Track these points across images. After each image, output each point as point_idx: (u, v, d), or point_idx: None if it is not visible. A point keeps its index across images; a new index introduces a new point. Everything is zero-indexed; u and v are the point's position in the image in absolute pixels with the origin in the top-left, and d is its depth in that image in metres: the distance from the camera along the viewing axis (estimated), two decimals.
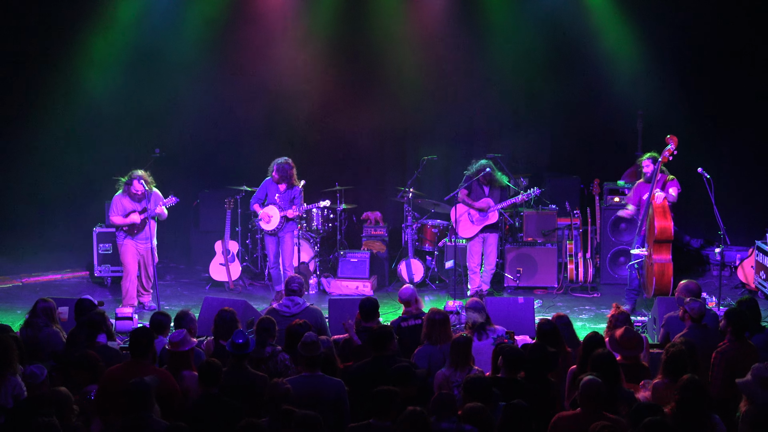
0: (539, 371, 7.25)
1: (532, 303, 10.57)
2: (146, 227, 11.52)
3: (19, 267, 13.58)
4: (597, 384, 6.45)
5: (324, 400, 6.98)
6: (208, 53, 14.31)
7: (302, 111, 14.50)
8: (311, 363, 7.22)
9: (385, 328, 7.93)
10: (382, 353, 7.61)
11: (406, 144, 14.93)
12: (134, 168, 11.61)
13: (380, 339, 7.66)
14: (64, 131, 14.27)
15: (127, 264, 11.60)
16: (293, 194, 11.88)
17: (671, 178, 11.11)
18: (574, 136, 14.38)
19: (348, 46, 14.43)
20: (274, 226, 11.85)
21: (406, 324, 8.81)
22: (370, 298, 8.66)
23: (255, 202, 11.99)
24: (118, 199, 11.54)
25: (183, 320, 8.26)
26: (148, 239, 11.57)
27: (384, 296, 12.36)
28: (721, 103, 13.96)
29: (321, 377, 7.21)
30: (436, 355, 8.03)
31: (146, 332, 7.49)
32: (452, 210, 12.19)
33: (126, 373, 7.07)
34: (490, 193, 12.00)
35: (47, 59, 14.13)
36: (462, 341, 7.55)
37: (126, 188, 11.51)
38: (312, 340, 7.28)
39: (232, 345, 7.45)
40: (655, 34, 13.74)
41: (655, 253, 10.93)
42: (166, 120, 14.27)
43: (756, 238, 12.37)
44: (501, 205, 11.98)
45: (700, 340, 7.76)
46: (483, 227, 12.01)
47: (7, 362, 7.22)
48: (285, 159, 11.87)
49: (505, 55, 14.26)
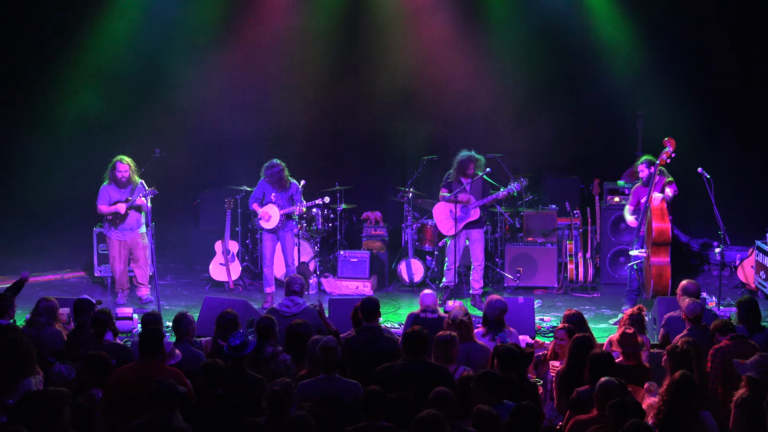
0: None
1: (532, 303, 10.59)
2: (129, 217, 11.65)
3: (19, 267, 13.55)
4: (614, 385, 6.42)
5: (342, 403, 6.95)
6: (208, 53, 14.33)
7: (302, 110, 14.50)
8: (330, 367, 7.18)
9: (421, 333, 7.63)
10: (416, 357, 7.46)
11: (406, 144, 14.93)
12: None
13: (416, 343, 7.50)
14: (63, 131, 14.28)
15: (112, 257, 11.93)
16: (290, 192, 11.90)
17: (670, 181, 11.09)
18: (574, 136, 14.38)
19: (348, 45, 14.44)
20: (275, 224, 11.88)
21: (424, 315, 8.89)
22: (371, 298, 8.63)
23: (253, 202, 12.03)
24: (105, 189, 11.72)
25: (181, 323, 8.18)
26: (131, 229, 11.70)
27: (384, 296, 12.37)
28: (721, 103, 13.97)
29: (339, 380, 7.17)
30: (461, 354, 7.96)
31: (156, 332, 7.40)
32: (434, 209, 12.18)
33: (136, 373, 7.04)
34: (471, 188, 11.94)
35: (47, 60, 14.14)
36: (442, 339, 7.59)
37: (111, 174, 11.64)
38: (331, 345, 7.22)
39: (228, 348, 7.44)
40: (656, 34, 13.74)
41: (654, 255, 10.94)
42: (166, 120, 14.27)
43: (756, 238, 12.37)
44: (482, 202, 11.93)
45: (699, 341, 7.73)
46: (466, 224, 11.97)
47: (29, 364, 7.16)
48: (272, 163, 11.87)
49: (505, 55, 14.29)
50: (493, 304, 8.68)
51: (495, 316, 8.62)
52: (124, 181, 11.61)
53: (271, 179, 11.85)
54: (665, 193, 10.95)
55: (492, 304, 8.68)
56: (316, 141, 14.59)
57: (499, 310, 8.63)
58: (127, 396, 6.93)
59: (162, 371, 7.04)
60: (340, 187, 13.21)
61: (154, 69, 14.29)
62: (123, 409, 6.90)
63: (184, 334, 8.11)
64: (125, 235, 11.76)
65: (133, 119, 14.35)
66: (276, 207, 11.87)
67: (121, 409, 6.91)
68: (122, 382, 7.04)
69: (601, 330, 10.58)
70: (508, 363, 7.19)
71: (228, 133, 14.73)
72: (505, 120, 14.65)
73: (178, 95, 14.31)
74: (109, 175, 11.68)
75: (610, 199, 12.98)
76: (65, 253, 13.97)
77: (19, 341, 7.28)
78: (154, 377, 6.74)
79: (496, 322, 8.62)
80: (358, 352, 8.13)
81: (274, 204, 11.89)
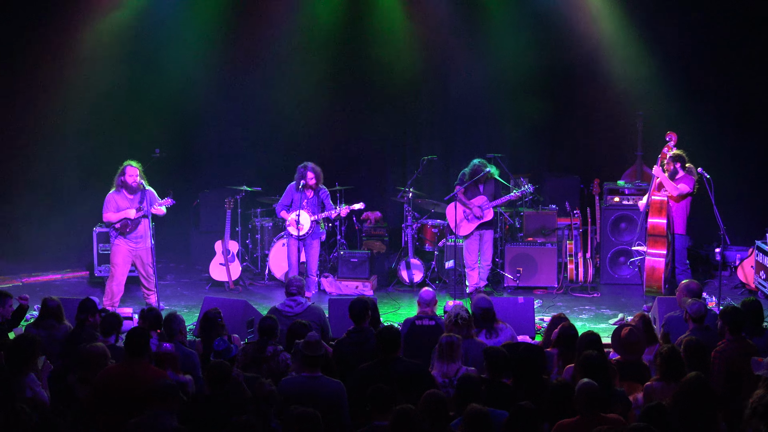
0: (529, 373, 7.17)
1: (532, 303, 10.58)
2: (140, 226, 11.27)
3: (19, 267, 13.58)
4: (592, 387, 6.38)
5: (323, 402, 6.97)
6: (208, 53, 14.32)
7: (302, 111, 14.51)
8: (312, 363, 7.20)
9: (392, 329, 7.72)
10: (389, 355, 7.49)
11: (406, 144, 14.94)
12: None
13: (390, 342, 7.53)
14: (63, 132, 14.27)
15: (115, 265, 11.35)
16: (321, 198, 11.76)
17: (683, 174, 11.35)
18: (574, 136, 14.39)
19: (348, 46, 14.44)
20: (305, 231, 11.70)
21: (420, 323, 8.80)
22: (360, 299, 8.56)
23: (281, 209, 11.83)
24: (112, 196, 11.27)
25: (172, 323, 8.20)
26: (142, 238, 11.31)
27: (384, 296, 12.38)
28: (722, 103, 13.97)
29: (321, 378, 7.20)
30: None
31: (142, 332, 7.44)
32: (447, 209, 12.20)
33: (122, 373, 7.06)
34: (485, 190, 12.00)
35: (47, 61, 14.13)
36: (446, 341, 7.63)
37: (120, 181, 11.21)
38: (315, 339, 7.27)
39: (214, 354, 7.46)
40: (656, 34, 13.74)
41: (649, 247, 11.22)
42: (166, 120, 14.27)
43: (756, 238, 12.37)
44: (496, 203, 11.99)
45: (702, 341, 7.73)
46: (479, 225, 12.01)
47: (31, 359, 7.30)
48: (307, 164, 11.66)
49: (505, 55, 14.26)
50: (475, 303, 8.83)
51: (479, 315, 8.71)
52: (135, 186, 11.15)
53: (318, 177, 11.58)
54: (679, 188, 11.21)
55: (474, 303, 8.84)
56: (317, 141, 14.59)
57: (482, 310, 8.71)
58: (114, 396, 6.94)
59: (148, 371, 7.06)
60: (340, 187, 13.21)
61: (154, 69, 14.27)
62: (110, 408, 6.91)
63: (175, 334, 8.13)
64: (137, 244, 11.31)
65: (133, 119, 14.33)
66: (307, 213, 11.71)
67: (108, 409, 6.91)
68: (109, 381, 7.06)
69: (601, 330, 10.57)
70: (496, 366, 7.17)
71: (228, 133, 14.72)
72: (505, 120, 14.65)
73: (178, 95, 14.29)
74: (118, 182, 11.22)
75: (610, 199, 12.98)
76: (65, 253, 13.97)
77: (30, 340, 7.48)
78: (140, 377, 6.83)
79: (484, 320, 8.69)
80: (348, 354, 8.14)
81: (304, 210, 11.70)
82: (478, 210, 11.96)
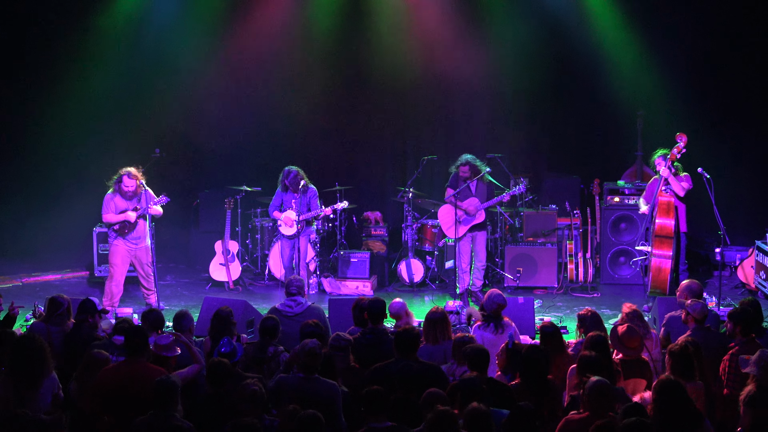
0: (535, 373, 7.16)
1: (532, 303, 10.59)
2: (138, 227, 11.28)
3: (19, 267, 13.58)
4: (603, 385, 6.38)
5: (317, 402, 6.95)
6: (208, 54, 14.33)
7: (302, 111, 14.50)
8: (309, 369, 7.18)
9: (413, 332, 7.66)
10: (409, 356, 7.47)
11: (406, 144, 14.94)
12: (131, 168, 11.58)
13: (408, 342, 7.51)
14: (63, 132, 14.26)
15: (113, 265, 11.35)
16: (307, 198, 11.92)
17: (683, 174, 11.31)
18: (574, 136, 14.39)
19: (348, 46, 14.44)
20: (295, 230, 11.90)
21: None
22: (379, 299, 8.62)
23: (273, 210, 12.12)
24: (110, 198, 11.29)
25: (182, 320, 8.24)
26: (140, 238, 11.33)
27: (384, 296, 12.25)
28: (721, 103, 13.98)
29: (316, 379, 7.17)
30: (437, 354, 8.03)
31: (140, 331, 7.42)
32: (440, 211, 12.19)
33: (121, 373, 7.05)
34: (477, 191, 11.95)
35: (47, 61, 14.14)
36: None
37: (117, 187, 11.25)
38: (316, 352, 7.19)
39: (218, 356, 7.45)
40: (656, 34, 13.75)
41: (656, 248, 11.09)
42: (166, 120, 14.27)
43: (756, 238, 12.37)
44: (487, 204, 11.94)
45: (702, 342, 7.72)
46: (471, 226, 11.97)
47: (46, 364, 7.17)
48: (288, 170, 11.94)
49: (505, 55, 14.27)
50: (492, 298, 8.73)
51: (493, 309, 8.66)
52: (130, 195, 11.23)
53: (291, 186, 11.90)
54: (679, 187, 11.18)
55: (491, 298, 8.73)
56: (316, 141, 14.59)
57: (497, 305, 8.68)
58: (113, 395, 6.94)
59: (147, 371, 7.04)
60: (340, 187, 13.21)
61: (154, 68, 14.27)
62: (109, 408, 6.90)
63: (184, 332, 8.12)
64: (136, 244, 11.34)
65: (133, 119, 14.33)
66: (295, 213, 11.86)
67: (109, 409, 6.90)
68: (108, 381, 7.05)
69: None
70: (475, 362, 7.16)
71: (228, 133, 14.71)
72: (505, 120, 14.65)
73: (178, 95, 14.29)
74: (115, 186, 11.28)
75: (610, 199, 12.98)
76: (65, 253, 13.96)
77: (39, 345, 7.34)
78: (140, 376, 6.82)
79: (496, 315, 8.66)
80: (363, 354, 8.11)
81: (293, 210, 11.91)
82: (473, 209, 11.89)
